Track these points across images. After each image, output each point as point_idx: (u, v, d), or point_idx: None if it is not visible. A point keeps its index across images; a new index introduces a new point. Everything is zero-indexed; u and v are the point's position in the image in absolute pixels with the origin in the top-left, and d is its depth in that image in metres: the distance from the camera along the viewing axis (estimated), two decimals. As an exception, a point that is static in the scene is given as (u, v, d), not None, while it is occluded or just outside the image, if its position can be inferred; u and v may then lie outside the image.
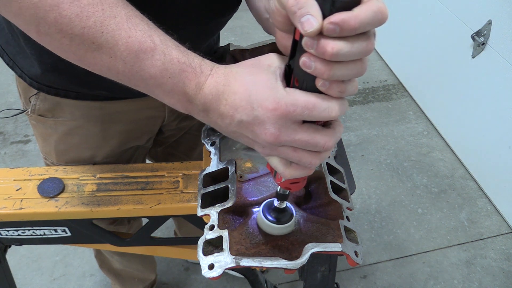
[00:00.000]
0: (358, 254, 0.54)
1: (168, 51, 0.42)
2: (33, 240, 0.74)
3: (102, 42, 0.41)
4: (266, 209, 0.55)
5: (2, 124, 2.06)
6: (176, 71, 0.42)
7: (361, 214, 1.76)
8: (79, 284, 1.50)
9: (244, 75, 0.42)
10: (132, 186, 0.71)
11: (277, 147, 0.42)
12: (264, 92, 0.40)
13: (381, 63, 2.59)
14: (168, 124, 0.89)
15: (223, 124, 0.43)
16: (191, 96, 0.43)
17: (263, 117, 0.40)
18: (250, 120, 0.40)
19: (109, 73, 0.44)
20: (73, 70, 0.67)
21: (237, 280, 1.50)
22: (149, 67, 0.42)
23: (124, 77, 0.44)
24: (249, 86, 0.41)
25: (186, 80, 0.42)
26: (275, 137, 0.40)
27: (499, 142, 1.73)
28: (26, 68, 0.70)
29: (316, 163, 0.42)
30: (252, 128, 0.41)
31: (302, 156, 0.42)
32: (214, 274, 0.50)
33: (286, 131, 0.40)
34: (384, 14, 0.34)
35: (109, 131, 0.79)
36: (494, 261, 1.62)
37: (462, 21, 1.85)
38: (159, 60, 0.42)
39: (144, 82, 0.43)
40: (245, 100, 0.40)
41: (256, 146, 0.44)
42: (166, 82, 0.43)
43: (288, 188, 0.49)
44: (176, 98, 0.44)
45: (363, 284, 1.54)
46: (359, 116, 2.21)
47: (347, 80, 0.38)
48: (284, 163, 0.44)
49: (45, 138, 0.82)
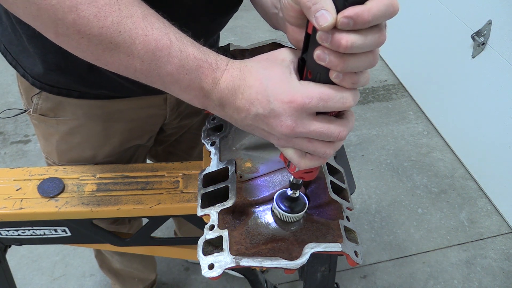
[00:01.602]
0: (358, 254, 0.54)
1: (184, 48, 0.43)
2: (33, 240, 0.74)
3: (120, 42, 0.41)
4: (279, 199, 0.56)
5: (2, 124, 2.06)
6: (192, 67, 0.43)
7: (361, 214, 1.76)
8: (79, 284, 1.50)
9: (259, 69, 0.43)
10: (132, 186, 0.71)
11: (292, 138, 0.43)
12: (279, 85, 0.41)
13: (381, 63, 2.59)
14: (170, 122, 0.89)
15: (239, 118, 0.44)
16: (208, 91, 0.44)
17: (279, 110, 0.41)
18: (266, 113, 0.41)
19: (126, 72, 0.44)
20: (76, 69, 0.67)
21: (237, 280, 1.50)
22: (166, 65, 0.43)
23: (142, 75, 0.44)
24: (264, 80, 0.42)
25: (203, 76, 0.43)
26: (291, 129, 0.41)
27: (499, 142, 1.73)
28: (29, 67, 0.70)
29: (330, 153, 0.43)
30: (268, 121, 0.42)
31: (317, 146, 0.43)
32: (214, 274, 0.50)
33: (301, 123, 0.41)
34: (395, 7, 0.35)
35: (111, 130, 0.79)
36: (494, 261, 1.62)
37: (462, 21, 1.85)
38: (176, 57, 0.42)
39: (161, 79, 0.44)
40: (261, 94, 0.41)
41: (272, 138, 0.45)
42: (183, 79, 0.43)
43: (301, 177, 0.50)
44: (192, 94, 0.45)
45: (363, 284, 1.54)
46: (359, 116, 2.21)
47: (360, 72, 0.39)
48: (299, 154, 0.45)
49: (47, 138, 0.82)
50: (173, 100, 0.82)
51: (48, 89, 0.71)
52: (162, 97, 0.80)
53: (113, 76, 0.67)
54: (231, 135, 0.70)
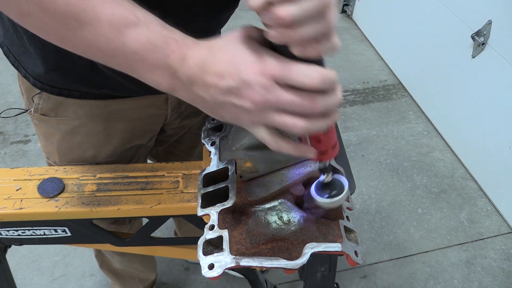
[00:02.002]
0: (358, 254, 0.54)
1: (151, 26, 0.42)
2: (33, 240, 0.74)
3: (85, 20, 0.41)
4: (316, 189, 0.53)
5: (2, 124, 2.06)
6: (159, 43, 0.42)
7: (361, 214, 1.76)
8: (79, 284, 1.50)
9: (229, 44, 0.43)
10: (132, 186, 0.71)
11: (263, 111, 0.42)
12: (249, 57, 0.41)
13: (381, 63, 2.59)
14: (170, 122, 0.89)
15: (208, 96, 0.43)
16: (176, 69, 0.43)
17: (250, 80, 0.40)
18: (237, 85, 0.41)
19: (91, 53, 0.44)
20: (76, 69, 0.67)
21: (237, 280, 1.50)
22: (132, 42, 0.42)
23: (106, 55, 0.43)
24: (233, 54, 0.41)
25: (170, 52, 0.42)
26: (262, 98, 0.40)
27: (499, 142, 1.73)
28: (30, 68, 0.70)
29: (299, 125, 0.41)
30: (239, 93, 0.41)
31: (286, 119, 0.41)
32: (214, 274, 0.50)
33: (273, 92, 0.40)
34: None
35: (112, 130, 0.79)
36: (494, 261, 1.62)
37: (462, 21, 1.85)
38: (142, 34, 0.42)
39: (127, 59, 0.43)
40: (232, 66, 0.41)
41: (242, 115, 0.43)
42: (150, 57, 0.42)
43: (319, 159, 0.49)
44: (159, 74, 0.44)
45: (363, 284, 1.54)
46: (359, 116, 2.21)
47: (323, 40, 0.39)
48: (271, 134, 0.44)
49: (48, 138, 0.82)
50: (174, 100, 0.82)
51: (49, 89, 0.71)
52: (163, 97, 0.80)
53: (113, 76, 0.67)
54: (231, 135, 0.70)
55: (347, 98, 2.33)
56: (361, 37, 2.81)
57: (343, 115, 2.22)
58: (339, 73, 2.50)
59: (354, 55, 2.65)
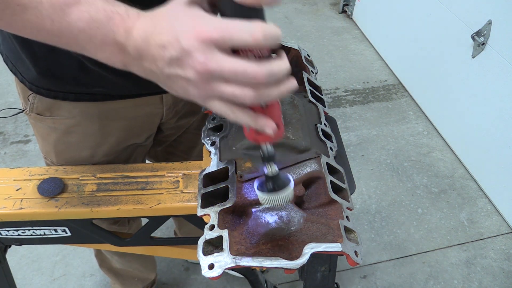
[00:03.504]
0: (358, 254, 0.54)
1: (93, 2, 0.42)
2: (33, 240, 0.74)
3: (26, 2, 0.41)
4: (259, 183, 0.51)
5: (2, 124, 2.06)
6: (103, 20, 0.42)
7: (361, 214, 1.76)
8: (79, 284, 1.50)
9: (168, 12, 0.42)
10: (132, 186, 0.71)
11: (209, 82, 0.41)
12: (186, 22, 0.40)
13: (381, 63, 2.59)
14: (167, 122, 0.89)
15: (157, 70, 0.43)
16: (122, 44, 0.43)
17: (188, 47, 0.39)
18: (178, 54, 0.40)
19: (39, 35, 0.44)
20: (67, 71, 0.68)
21: (237, 280, 1.50)
22: (76, 21, 0.42)
23: (54, 37, 0.43)
24: (173, 22, 0.41)
25: (115, 27, 0.42)
26: (204, 65, 0.39)
27: (499, 142, 1.73)
28: (25, 72, 0.71)
29: (248, 95, 0.40)
30: (181, 63, 0.40)
31: (234, 89, 0.40)
32: (214, 274, 0.50)
33: (213, 59, 0.39)
34: None
35: (108, 129, 0.79)
36: (494, 261, 1.62)
37: (462, 21, 1.85)
38: (85, 11, 0.42)
39: (75, 38, 0.43)
40: (171, 35, 0.40)
41: (191, 88, 0.42)
42: (96, 34, 0.42)
43: (255, 140, 0.47)
44: (109, 51, 0.44)
45: (363, 284, 1.54)
46: (359, 116, 2.21)
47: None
48: (225, 104, 0.42)
49: (45, 137, 0.82)
50: (169, 98, 0.82)
51: (44, 93, 0.72)
52: (158, 96, 0.80)
53: (104, 74, 0.67)
54: (231, 135, 0.70)
55: (347, 98, 2.33)
56: (361, 37, 2.81)
57: (343, 115, 2.22)
58: (339, 73, 2.50)
59: (354, 55, 2.65)
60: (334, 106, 2.27)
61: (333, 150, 0.71)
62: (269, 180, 0.49)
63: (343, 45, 2.73)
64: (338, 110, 2.25)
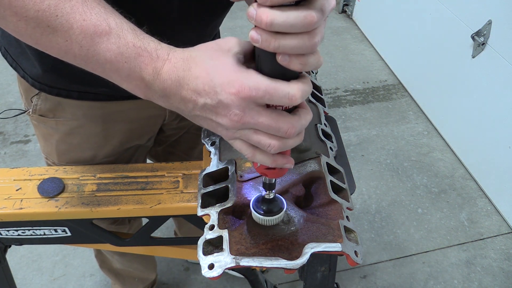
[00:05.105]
0: (358, 254, 0.54)
1: (123, 35, 0.42)
2: (33, 240, 0.74)
3: (57, 26, 0.41)
4: (255, 202, 0.55)
5: (2, 124, 2.06)
6: (131, 55, 0.42)
7: (361, 214, 1.76)
8: (79, 284, 1.50)
9: (205, 59, 0.42)
10: (132, 186, 0.71)
11: (239, 130, 0.42)
12: (226, 75, 0.40)
13: (381, 63, 2.59)
14: (169, 123, 0.89)
15: (186, 109, 0.43)
16: (149, 82, 0.43)
17: (227, 101, 0.40)
18: (215, 103, 0.41)
19: (66, 57, 0.44)
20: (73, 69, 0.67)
21: (237, 280, 1.50)
22: (104, 51, 0.42)
23: (81, 61, 0.43)
24: (210, 71, 0.41)
25: (142, 65, 0.42)
26: (239, 118, 0.40)
27: (499, 142, 1.73)
28: (28, 68, 0.70)
29: (275, 145, 0.42)
30: (216, 111, 0.41)
31: (261, 138, 0.42)
32: (214, 274, 0.50)
33: (249, 113, 0.40)
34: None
35: (111, 131, 0.79)
36: (494, 261, 1.62)
37: (462, 21, 1.85)
38: (114, 44, 0.42)
39: (101, 66, 0.43)
40: (208, 85, 0.40)
41: (219, 129, 0.44)
42: (122, 67, 0.42)
43: (264, 174, 0.49)
44: (133, 84, 0.44)
45: (363, 284, 1.54)
46: (359, 116, 2.21)
47: (308, 53, 0.38)
48: (248, 146, 0.44)
49: (47, 138, 0.82)
50: None
51: (47, 90, 0.72)
52: None
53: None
54: (231, 135, 0.69)
55: (347, 98, 2.33)
56: (361, 37, 2.81)
57: (343, 115, 2.22)
58: (339, 73, 2.50)
59: (354, 55, 2.65)
60: (334, 106, 2.27)
61: (333, 150, 0.71)
62: (265, 202, 0.54)
63: (343, 45, 2.73)
64: (338, 110, 2.25)
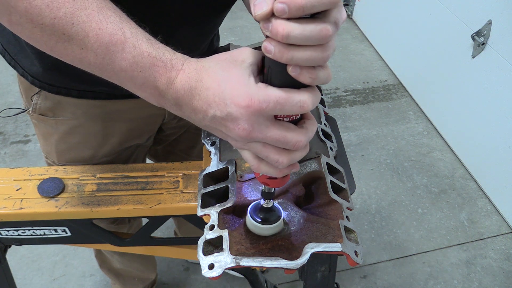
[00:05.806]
0: (358, 254, 0.54)
1: (139, 44, 0.42)
2: (33, 240, 0.74)
3: (73, 34, 0.41)
4: (253, 210, 0.55)
5: (2, 124, 2.06)
6: (146, 65, 0.42)
7: (361, 214, 1.76)
8: (79, 284, 1.50)
9: (217, 70, 0.42)
10: (132, 186, 0.71)
11: (248, 142, 0.43)
12: (236, 88, 0.40)
13: (381, 63, 2.59)
14: (168, 122, 0.89)
15: (196, 118, 0.44)
16: (163, 91, 0.43)
17: (236, 114, 0.40)
18: (224, 116, 0.41)
19: (81, 64, 0.44)
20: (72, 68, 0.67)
21: (237, 280, 1.50)
22: (119, 60, 0.42)
23: (96, 68, 0.44)
24: (222, 82, 0.41)
25: (157, 75, 0.42)
26: (248, 132, 0.40)
27: (499, 142, 1.73)
28: (27, 67, 0.70)
29: (283, 161, 0.43)
30: (225, 123, 0.41)
31: (270, 152, 0.42)
32: (214, 274, 0.50)
33: (258, 127, 0.40)
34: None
35: (110, 130, 0.79)
36: (494, 261, 1.62)
37: (462, 21, 1.85)
38: (129, 53, 0.42)
39: (116, 74, 0.43)
40: (218, 96, 0.41)
41: (229, 139, 0.45)
42: (137, 76, 0.43)
43: (266, 183, 0.49)
44: (148, 92, 0.44)
45: (363, 284, 1.54)
46: (359, 116, 2.21)
47: (318, 67, 0.39)
48: (254, 157, 0.45)
49: (46, 137, 0.82)
50: None
51: (47, 88, 0.72)
52: None
53: None
54: (231, 135, 0.69)
55: (347, 98, 2.33)
56: (361, 37, 2.81)
57: (343, 115, 2.22)
58: (339, 73, 2.50)
59: (354, 55, 2.65)
60: (334, 106, 2.27)
61: (333, 150, 0.71)
62: (262, 210, 0.54)
63: (343, 45, 2.73)
64: (338, 110, 2.25)
